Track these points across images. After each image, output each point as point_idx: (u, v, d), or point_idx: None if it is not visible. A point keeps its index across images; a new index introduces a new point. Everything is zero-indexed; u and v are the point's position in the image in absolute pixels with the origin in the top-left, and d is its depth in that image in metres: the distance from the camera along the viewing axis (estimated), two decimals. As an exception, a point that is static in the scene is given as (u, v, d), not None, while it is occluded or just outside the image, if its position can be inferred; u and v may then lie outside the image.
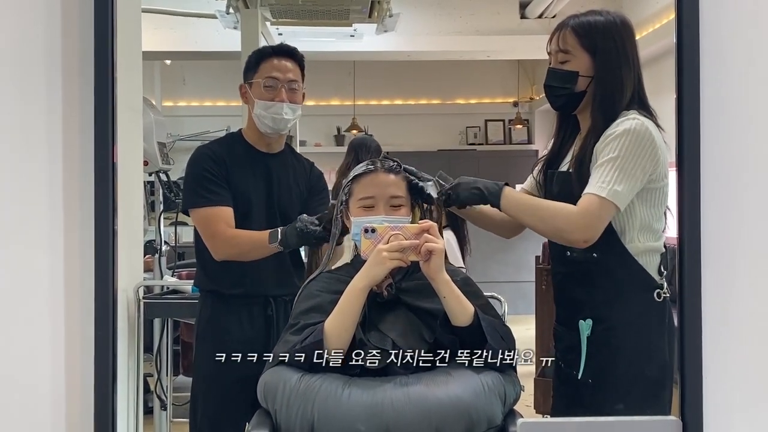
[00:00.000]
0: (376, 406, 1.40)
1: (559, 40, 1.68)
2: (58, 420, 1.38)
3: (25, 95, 1.38)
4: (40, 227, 1.38)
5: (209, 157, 2.01)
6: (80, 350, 1.36)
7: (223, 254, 1.96)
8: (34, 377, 1.39)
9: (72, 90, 1.37)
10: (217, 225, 1.96)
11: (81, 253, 1.37)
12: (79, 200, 1.37)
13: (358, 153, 3.49)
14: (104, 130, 1.31)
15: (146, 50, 2.46)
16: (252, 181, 2.02)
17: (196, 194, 1.99)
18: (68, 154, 1.38)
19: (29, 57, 1.38)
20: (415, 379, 1.46)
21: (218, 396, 2.00)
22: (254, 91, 2.02)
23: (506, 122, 7.07)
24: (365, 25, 4.43)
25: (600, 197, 1.56)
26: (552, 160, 1.78)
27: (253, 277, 2.01)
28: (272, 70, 2.02)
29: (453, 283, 1.54)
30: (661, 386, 1.63)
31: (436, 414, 1.39)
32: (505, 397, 1.48)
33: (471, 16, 5.16)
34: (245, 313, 2.02)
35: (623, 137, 1.58)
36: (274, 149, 2.09)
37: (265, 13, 3.96)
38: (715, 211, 1.39)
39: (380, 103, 6.83)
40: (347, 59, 5.89)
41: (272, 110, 2.00)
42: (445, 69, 6.46)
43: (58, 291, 1.38)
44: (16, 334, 1.39)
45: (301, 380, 1.45)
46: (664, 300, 1.63)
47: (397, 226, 1.56)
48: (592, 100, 1.67)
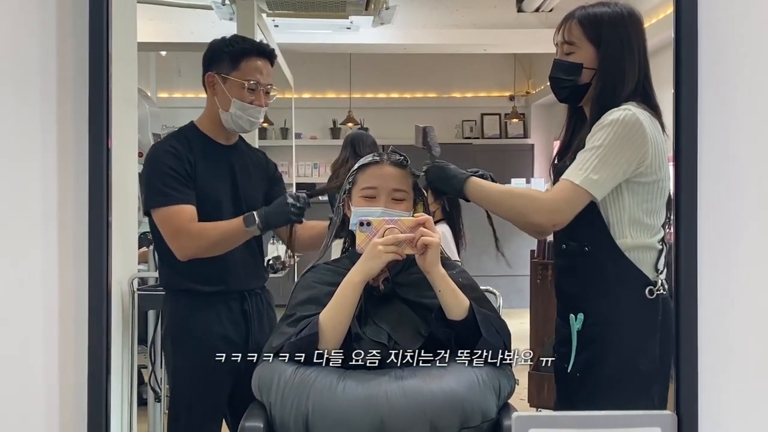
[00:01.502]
0: (370, 399, 1.40)
1: (565, 31, 1.68)
2: (52, 412, 1.38)
3: (19, 85, 1.37)
4: (34, 218, 1.37)
5: (170, 154, 1.93)
6: (74, 342, 1.36)
7: (190, 251, 1.89)
8: (26, 369, 1.39)
9: (66, 80, 1.36)
10: (180, 221, 1.88)
11: (75, 245, 1.36)
12: (73, 191, 1.36)
13: (355, 147, 3.48)
14: (99, 121, 1.30)
15: (141, 41, 2.44)
16: (217, 175, 1.97)
17: (159, 193, 1.90)
18: (62, 145, 1.36)
19: (23, 47, 1.37)
20: (410, 372, 1.46)
21: (202, 396, 1.96)
22: (231, 89, 1.95)
23: (502, 116, 7.07)
24: (362, 18, 4.42)
25: (573, 183, 1.55)
26: (561, 152, 1.77)
27: (228, 271, 1.96)
28: (256, 72, 1.96)
29: (449, 276, 1.54)
30: (648, 384, 1.61)
31: (431, 407, 1.40)
32: (500, 391, 1.48)
33: (467, 10, 5.14)
34: (223, 308, 1.97)
35: (609, 127, 1.57)
36: (231, 141, 2.05)
37: (261, 5, 3.95)
38: (713, 207, 1.38)
39: (376, 96, 6.82)
40: (343, 52, 5.87)
41: (249, 113, 1.96)
42: (442, 62, 6.45)
43: (51, 283, 1.37)
44: (9, 325, 1.39)
45: (295, 373, 1.45)
46: (657, 297, 1.61)
47: (392, 219, 1.56)
48: (593, 92, 1.66)
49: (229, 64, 1.97)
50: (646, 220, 1.62)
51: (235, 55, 1.97)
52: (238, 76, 1.96)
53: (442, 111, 7.01)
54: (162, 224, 1.92)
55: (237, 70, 1.96)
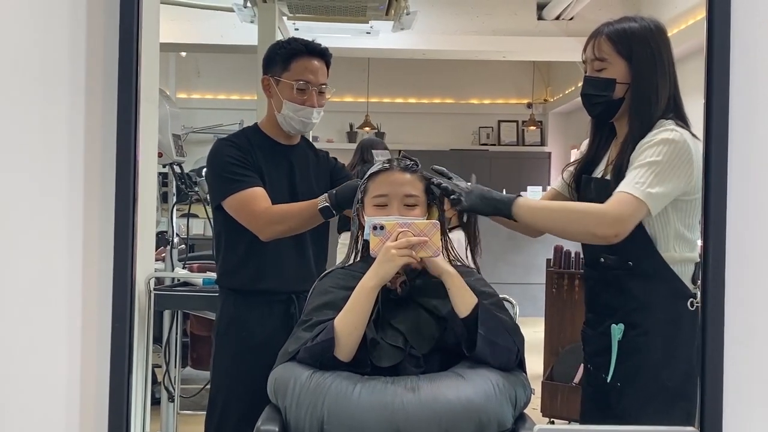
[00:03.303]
0: (386, 407, 1.39)
1: (595, 48, 1.68)
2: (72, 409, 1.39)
3: (47, 87, 1.38)
4: (60, 218, 1.39)
5: (233, 146, 1.96)
6: (96, 341, 1.37)
7: (270, 231, 1.90)
8: (49, 368, 1.40)
9: (95, 81, 1.37)
10: (255, 204, 1.90)
11: (100, 245, 1.37)
12: (100, 192, 1.37)
13: (363, 153, 3.48)
14: (127, 122, 1.31)
15: (163, 42, 2.45)
16: (275, 173, 2.00)
17: (228, 181, 1.93)
18: (90, 146, 1.38)
19: (53, 49, 1.38)
20: (427, 380, 1.45)
21: (239, 393, 1.97)
22: (283, 91, 1.97)
23: (519, 123, 7.06)
24: (382, 23, 4.43)
25: (633, 196, 1.56)
26: (587, 165, 1.77)
27: (276, 273, 1.98)
28: (306, 72, 1.96)
29: (460, 276, 1.54)
30: (687, 394, 1.62)
31: (446, 416, 1.39)
32: (516, 400, 1.47)
33: (488, 16, 5.14)
34: (267, 310, 1.99)
35: (662, 145, 1.58)
36: (293, 141, 2.07)
37: (282, 8, 3.96)
38: (742, 220, 1.37)
39: (394, 101, 6.83)
40: (362, 56, 5.88)
41: (301, 114, 1.98)
42: (460, 68, 6.45)
43: (75, 282, 1.38)
44: (33, 324, 1.40)
45: (311, 377, 1.45)
46: (697, 309, 1.61)
47: (405, 223, 1.55)
48: (629, 107, 1.67)
49: (281, 66, 1.98)
50: (687, 235, 1.64)
51: (285, 57, 1.98)
52: (288, 77, 1.97)
53: (459, 117, 7.01)
54: (238, 210, 1.93)
55: (287, 71, 1.98)
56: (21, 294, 1.40)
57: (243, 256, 1.98)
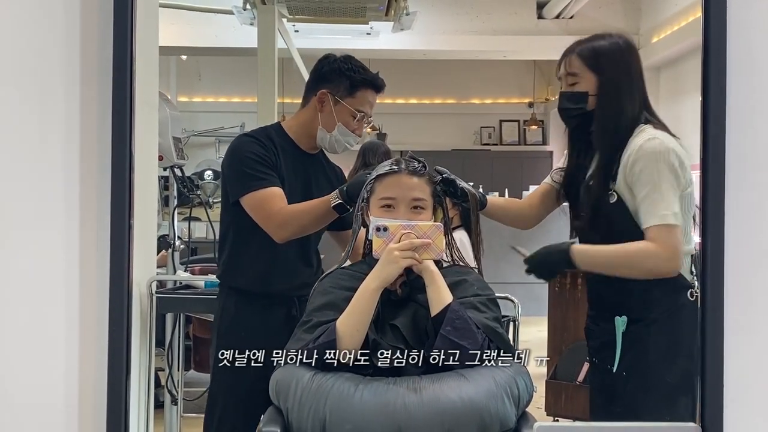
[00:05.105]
0: (388, 407, 1.39)
1: (566, 64, 1.78)
2: (71, 413, 1.39)
3: (44, 90, 1.38)
4: (57, 222, 1.39)
5: (256, 143, 1.94)
6: (95, 344, 1.36)
7: (285, 233, 1.89)
8: (47, 371, 1.40)
9: (90, 84, 1.37)
10: (274, 204, 1.89)
11: (97, 248, 1.37)
12: (96, 194, 1.36)
13: (366, 157, 3.47)
14: (122, 124, 1.31)
15: (162, 45, 2.45)
16: (293, 178, 1.99)
17: (249, 178, 1.91)
18: (85, 149, 1.38)
19: (48, 52, 1.38)
20: (428, 380, 1.45)
21: (238, 394, 1.96)
22: (340, 113, 1.96)
23: (521, 123, 7.06)
24: (382, 23, 4.43)
25: (669, 225, 1.64)
26: (573, 172, 1.86)
27: (282, 275, 1.98)
28: (367, 104, 1.98)
29: (440, 274, 1.55)
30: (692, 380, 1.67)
31: (449, 416, 1.39)
32: (519, 400, 1.47)
33: (488, 16, 5.14)
34: (269, 311, 1.98)
35: (655, 162, 1.66)
36: (314, 151, 2.06)
37: (282, 10, 3.96)
38: (739, 215, 1.38)
39: (395, 101, 6.82)
40: (362, 57, 5.87)
41: (347, 139, 1.99)
42: (461, 68, 6.45)
43: (73, 285, 1.38)
44: (31, 326, 1.40)
45: (313, 379, 1.45)
46: (696, 299, 1.67)
47: (408, 225, 1.55)
48: (599, 116, 1.76)
49: (346, 90, 1.97)
50: (684, 228, 1.69)
51: (355, 83, 1.97)
52: (351, 104, 1.97)
53: (460, 117, 7.01)
54: (256, 208, 1.91)
55: (352, 97, 1.97)
56: (18, 298, 1.40)
57: (250, 255, 1.98)
